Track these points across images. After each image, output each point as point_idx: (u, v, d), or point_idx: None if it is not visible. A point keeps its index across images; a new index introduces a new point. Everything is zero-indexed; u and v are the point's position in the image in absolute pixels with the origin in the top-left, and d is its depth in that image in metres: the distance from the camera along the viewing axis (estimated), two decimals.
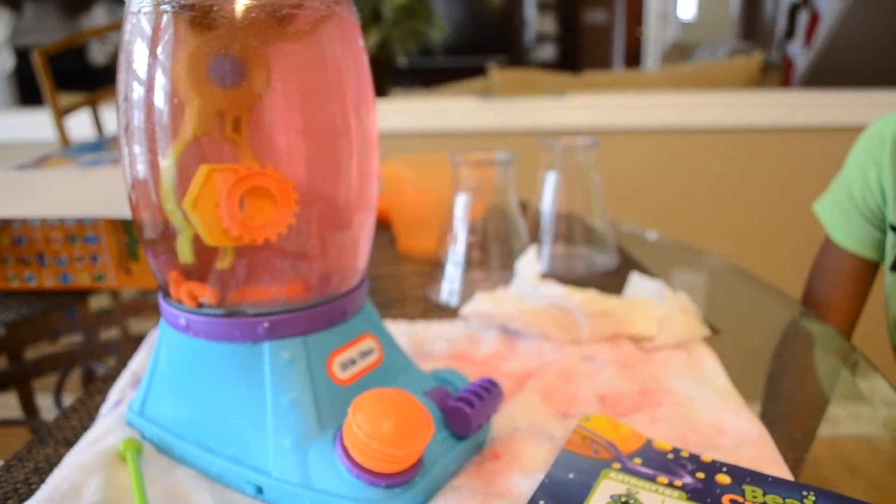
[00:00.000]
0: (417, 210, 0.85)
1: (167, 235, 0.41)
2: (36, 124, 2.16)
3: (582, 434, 0.44)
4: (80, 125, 1.83)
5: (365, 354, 0.44)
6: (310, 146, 0.42)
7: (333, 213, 0.43)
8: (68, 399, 0.57)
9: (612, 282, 0.75)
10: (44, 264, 0.76)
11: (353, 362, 0.43)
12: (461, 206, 0.70)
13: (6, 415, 0.56)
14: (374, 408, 0.37)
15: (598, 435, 0.43)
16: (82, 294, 0.79)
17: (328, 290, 0.43)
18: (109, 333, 0.69)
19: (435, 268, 0.73)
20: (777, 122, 1.80)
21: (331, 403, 0.41)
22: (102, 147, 0.94)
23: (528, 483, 0.41)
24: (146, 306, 0.76)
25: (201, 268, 0.42)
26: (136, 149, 0.40)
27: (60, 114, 1.59)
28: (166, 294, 0.44)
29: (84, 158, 0.85)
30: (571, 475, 0.40)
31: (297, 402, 0.40)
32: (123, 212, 0.69)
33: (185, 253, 0.42)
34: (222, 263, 0.41)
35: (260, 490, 0.40)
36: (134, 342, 0.66)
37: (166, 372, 0.45)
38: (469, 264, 0.70)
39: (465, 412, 0.42)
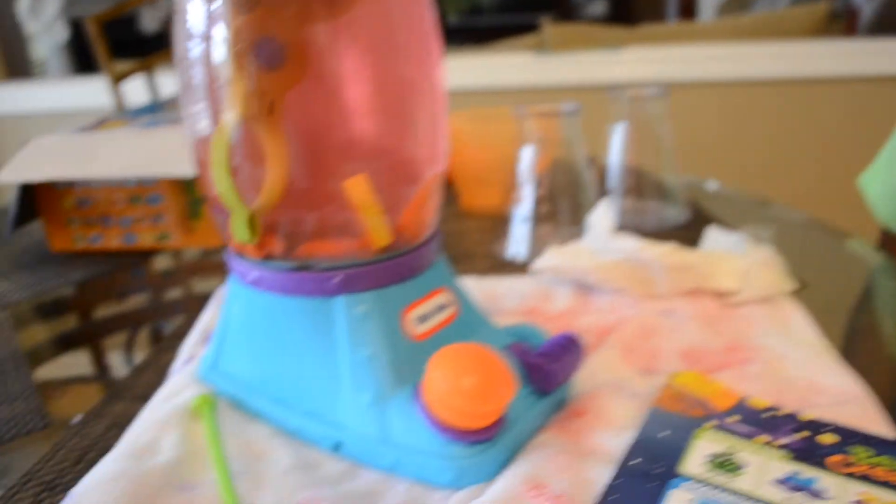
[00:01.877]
0: (479, 165, 0.83)
1: None
2: (91, 92, 2.18)
3: (672, 391, 0.41)
4: (134, 91, 1.84)
5: (440, 309, 0.42)
6: (380, 100, 0.40)
7: (404, 167, 0.41)
8: (138, 357, 0.57)
9: (683, 236, 0.72)
10: (108, 225, 0.76)
11: (428, 317, 0.41)
12: (527, 159, 0.67)
13: (78, 372, 0.56)
14: (455, 362, 0.36)
15: (688, 392, 0.41)
16: (147, 254, 0.79)
17: (401, 244, 0.41)
18: (174, 293, 0.69)
19: (500, 223, 0.71)
20: (842, 71, 1.73)
21: (408, 358, 0.39)
22: (159, 109, 0.94)
23: (616, 441, 0.39)
24: (209, 265, 0.75)
25: (270, 222, 0.40)
26: (197, 107, 0.39)
27: (116, 79, 1.60)
28: (235, 249, 0.43)
29: (141, 120, 0.85)
30: (664, 433, 0.38)
31: (373, 358, 0.39)
32: (183, 171, 0.69)
33: (241, 232, 0.40)
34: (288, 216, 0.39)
35: (338, 446, 0.39)
36: (198, 301, 0.66)
37: (238, 328, 0.44)
38: (536, 219, 0.68)
39: (548, 368, 0.40)
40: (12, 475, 0.42)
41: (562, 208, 0.68)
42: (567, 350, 0.41)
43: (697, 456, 0.36)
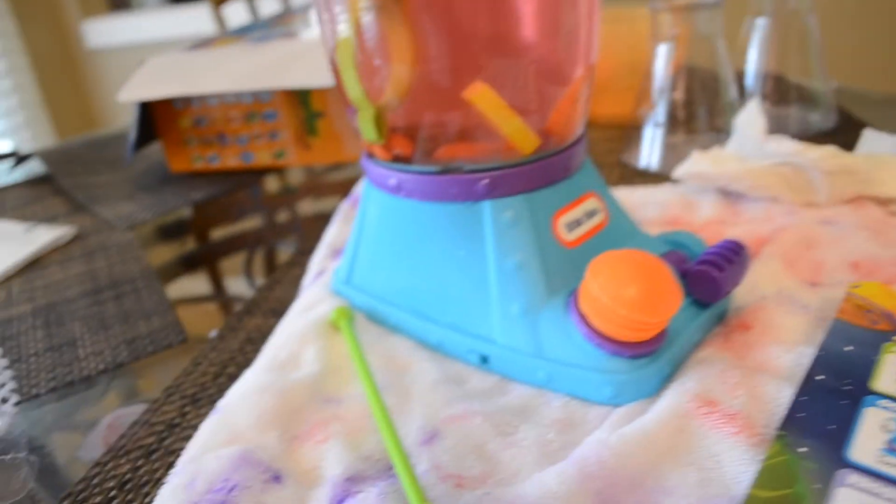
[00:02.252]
0: (602, 72, 0.78)
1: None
2: (191, 20, 2.20)
3: (855, 302, 0.37)
4: (235, 15, 1.84)
5: (590, 215, 0.39)
6: None
7: (552, 65, 0.37)
8: (257, 278, 0.57)
9: (831, 143, 0.66)
10: (225, 144, 0.76)
11: (578, 223, 0.38)
12: (662, 58, 0.62)
13: (199, 292, 0.56)
14: (618, 269, 0.33)
15: (873, 303, 0.37)
16: (263, 172, 0.78)
17: (549, 145, 0.38)
18: (291, 211, 0.68)
19: (629, 132, 0.67)
20: None
21: (559, 266, 0.37)
22: (267, 26, 0.92)
23: (789, 356, 0.35)
24: (324, 184, 0.74)
25: (406, 122, 0.37)
26: (336, 8, 0.36)
27: (217, 3, 1.59)
28: (371, 154, 0.41)
29: (252, 36, 0.83)
30: (849, 347, 0.34)
31: (523, 266, 0.36)
32: (299, 82, 0.67)
33: (367, 130, 0.38)
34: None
35: (485, 359, 0.37)
36: (317, 220, 0.64)
37: (374, 237, 0.42)
38: (671, 125, 0.63)
39: (713, 276, 0.36)
40: (156, 389, 0.42)
41: (699, 113, 0.63)
42: (732, 258, 0.38)
43: (889, 374, 0.32)
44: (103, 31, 2.43)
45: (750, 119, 0.55)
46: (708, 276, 0.37)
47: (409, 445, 0.33)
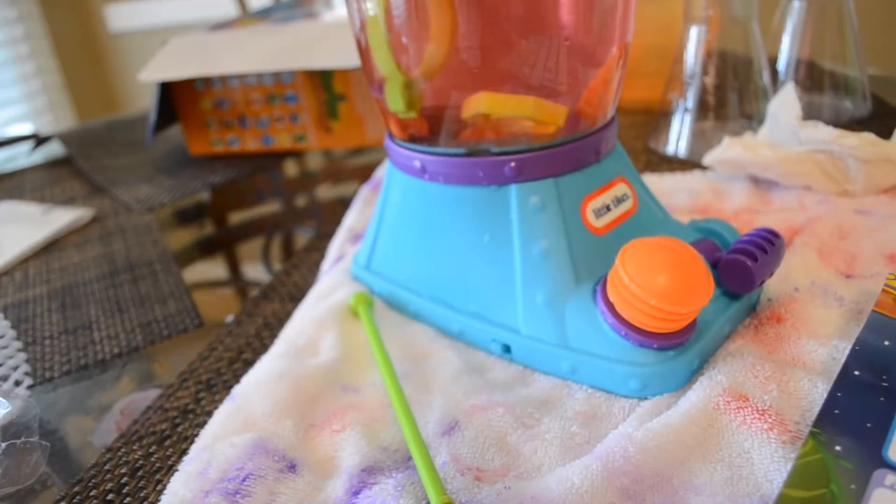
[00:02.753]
0: (630, 55, 0.76)
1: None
2: (214, 3, 2.19)
3: (892, 295, 0.36)
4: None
5: (619, 201, 0.38)
6: None
7: (585, 45, 0.35)
8: (274, 263, 0.56)
9: (865, 131, 0.64)
10: (245, 126, 0.75)
11: (607, 209, 0.37)
12: (693, 40, 0.61)
13: (216, 277, 0.55)
14: (648, 257, 0.31)
15: None
16: (283, 156, 0.77)
17: (578, 127, 0.36)
18: (310, 196, 0.67)
19: (656, 117, 0.65)
20: None
21: (586, 254, 0.35)
22: (289, 7, 0.91)
23: (823, 350, 0.34)
24: (344, 169, 0.73)
25: (435, 102, 0.36)
26: None
27: None
28: (394, 135, 0.40)
29: (276, 16, 0.82)
30: (888, 342, 0.33)
31: (549, 252, 0.35)
32: (322, 62, 0.65)
33: (394, 100, 0.37)
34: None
35: (508, 349, 0.36)
36: (335, 204, 0.63)
37: (396, 222, 0.41)
38: (701, 110, 0.61)
39: (746, 266, 0.35)
40: (170, 374, 0.41)
41: (730, 99, 0.61)
42: (766, 248, 0.36)
43: None
44: (126, 15, 2.43)
45: (785, 104, 0.53)
46: (741, 265, 0.35)
47: (428, 436, 0.32)
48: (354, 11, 0.36)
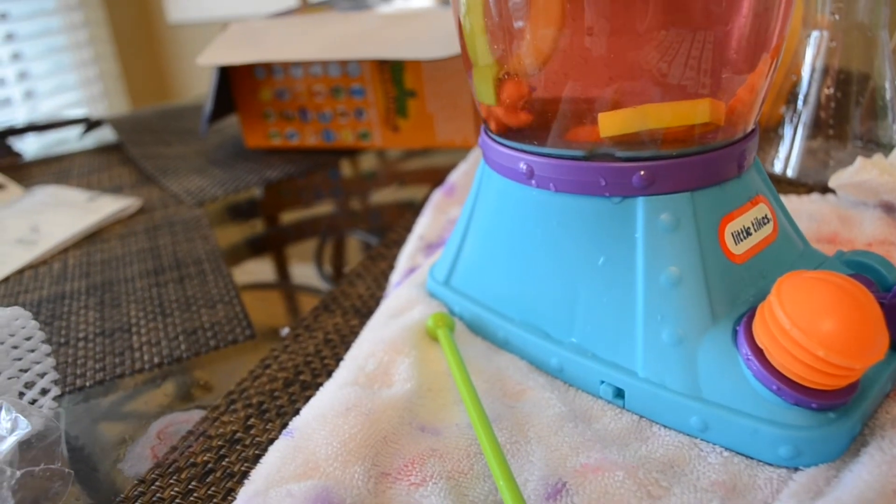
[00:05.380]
0: None
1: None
2: None
3: None
4: None
5: (760, 224, 0.32)
6: None
7: (733, 45, 0.29)
8: (326, 268, 0.50)
9: None
10: (306, 120, 0.70)
11: (747, 232, 0.31)
12: (812, 49, 0.54)
13: (265, 279, 0.50)
14: (814, 296, 0.25)
15: None
16: (344, 153, 0.72)
17: (718, 136, 0.30)
18: (366, 198, 0.62)
19: (765, 132, 0.59)
20: None
21: (724, 286, 0.29)
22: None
23: None
24: (410, 172, 0.67)
25: (548, 97, 0.30)
26: None
27: None
28: (491, 131, 0.34)
29: (343, 5, 0.77)
30: None
31: (681, 281, 0.28)
32: (396, 52, 0.60)
33: (482, 89, 0.31)
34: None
35: (620, 393, 0.30)
36: (395, 208, 0.58)
37: (487, 233, 0.35)
38: (815, 127, 0.55)
39: None
40: (216, 392, 0.36)
41: (849, 116, 0.54)
42: None
43: None
44: (185, 6, 2.42)
45: None
46: None
47: (529, 498, 0.26)
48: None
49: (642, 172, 0.29)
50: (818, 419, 0.26)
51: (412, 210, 0.55)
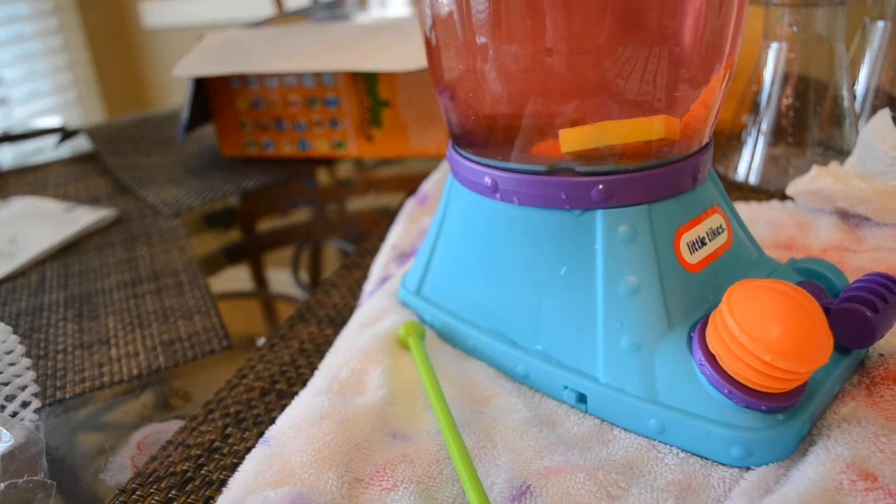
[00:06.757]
0: None
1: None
2: (252, 2, 2.17)
3: None
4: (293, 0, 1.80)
5: (714, 234, 0.33)
6: None
7: (687, 59, 0.31)
8: (302, 276, 0.51)
9: None
10: (282, 129, 0.71)
11: (702, 242, 0.32)
12: (772, 59, 0.56)
13: (240, 287, 0.51)
14: (762, 303, 0.27)
15: None
16: (319, 162, 0.73)
17: (673, 150, 0.32)
18: (342, 207, 0.63)
19: (727, 140, 0.60)
20: None
21: (679, 294, 0.31)
22: (333, 6, 0.87)
23: None
24: (385, 180, 0.68)
25: (511, 112, 0.32)
26: None
27: None
28: (460, 148, 0.35)
29: (319, 15, 0.78)
30: None
31: (638, 290, 0.30)
32: (369, 65, 0.61)
33: (465, 108, 0.33)
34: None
35: (583, 398, 0.31)
36: (374, 215, 0.59)
37: (456, 243, 0.36)
38: (775, 135, 0.57)
39: (866, 317, 0.30)
40: (193, 403, 0.37)
41: (808, 124, 0.56)
42: (886, 296, 0.31)
43: None
44: (161, 12, 2.41)
45: (879, 133, 0.48)
46: (859, 316, 0.30)
47: (495, 501, 0.27)
48: (427, 7, 0.32)
49: (601, 186, 0.30)
50: (767, 421, 0.28)
51: (388, 217, 0.56)
